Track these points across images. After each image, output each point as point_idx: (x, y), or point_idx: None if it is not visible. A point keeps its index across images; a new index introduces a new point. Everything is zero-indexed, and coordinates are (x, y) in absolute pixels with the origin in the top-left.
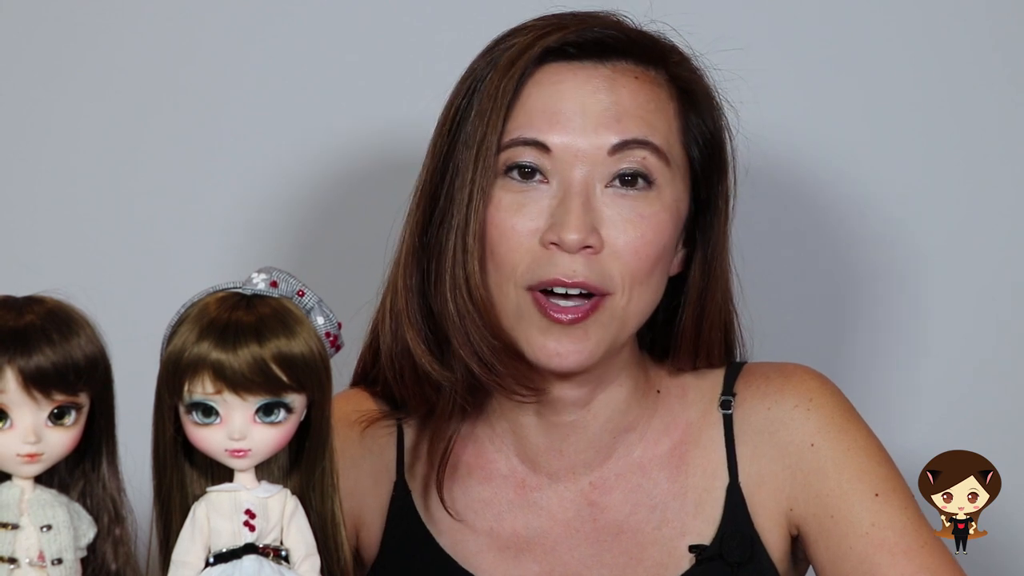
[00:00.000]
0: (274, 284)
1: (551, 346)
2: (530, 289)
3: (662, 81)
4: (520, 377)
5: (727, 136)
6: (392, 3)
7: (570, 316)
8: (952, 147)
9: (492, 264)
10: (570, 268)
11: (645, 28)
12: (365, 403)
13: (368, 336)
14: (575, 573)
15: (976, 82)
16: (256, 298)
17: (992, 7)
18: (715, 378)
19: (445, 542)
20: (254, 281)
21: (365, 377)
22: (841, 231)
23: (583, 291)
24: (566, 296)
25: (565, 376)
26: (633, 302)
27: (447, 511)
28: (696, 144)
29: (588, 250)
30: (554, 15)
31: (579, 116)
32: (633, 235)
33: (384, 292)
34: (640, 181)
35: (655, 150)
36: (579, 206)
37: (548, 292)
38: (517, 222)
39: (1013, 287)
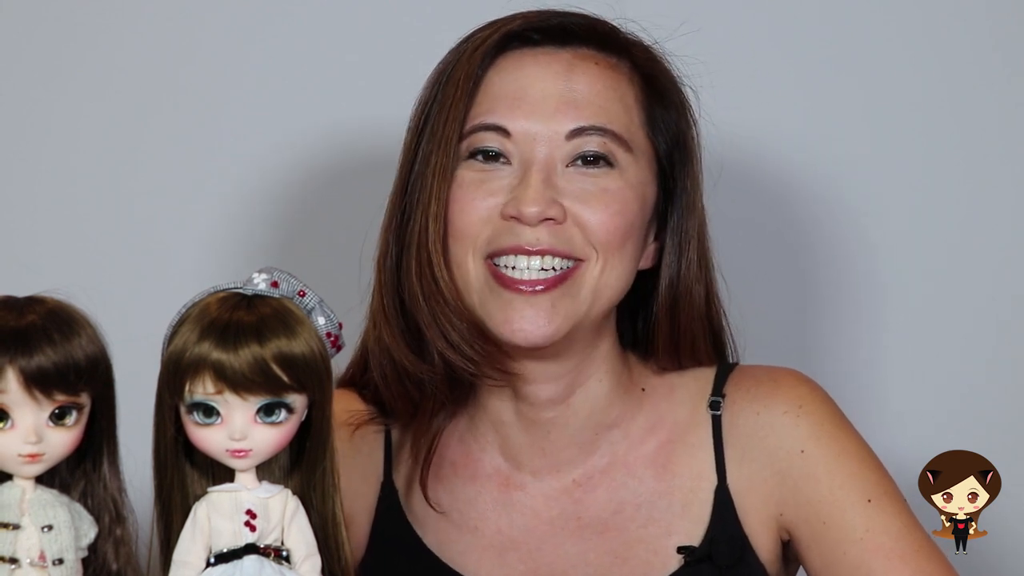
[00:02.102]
0: (275, 284)
1: (514, 320)
2: (489, 258)
3: (624, 69)
4: (490, 359)
5: (693, 124)
6: (392, 3)
7: (533, 288)
8: (952, 147)
9: (452, 238)
10: (533, 237)
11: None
12: (355, 404)
13: (360, 345)
14: (560, 571)
15: (976, 82)
16: (257, 298)
17: (992, 7)
18: (705, 378)
19: (431, 541)
20: (255, 281)
21: (354, 383)
22: (841, 233)
23: (546, 267)
24: (528, 269)
25: (533, 354)
26: (607, 272)
27: (431, 505)
28: (662, 134)
29: (550, 222)
30: (521, 11)
31: (538, 100)
32: (598, 207)
33: (370, 301)
34: (601, 161)
35: (613, 136)
36: (539, 181)
37: (510, 267)
38: (477, 196)
39: (1013, 287)
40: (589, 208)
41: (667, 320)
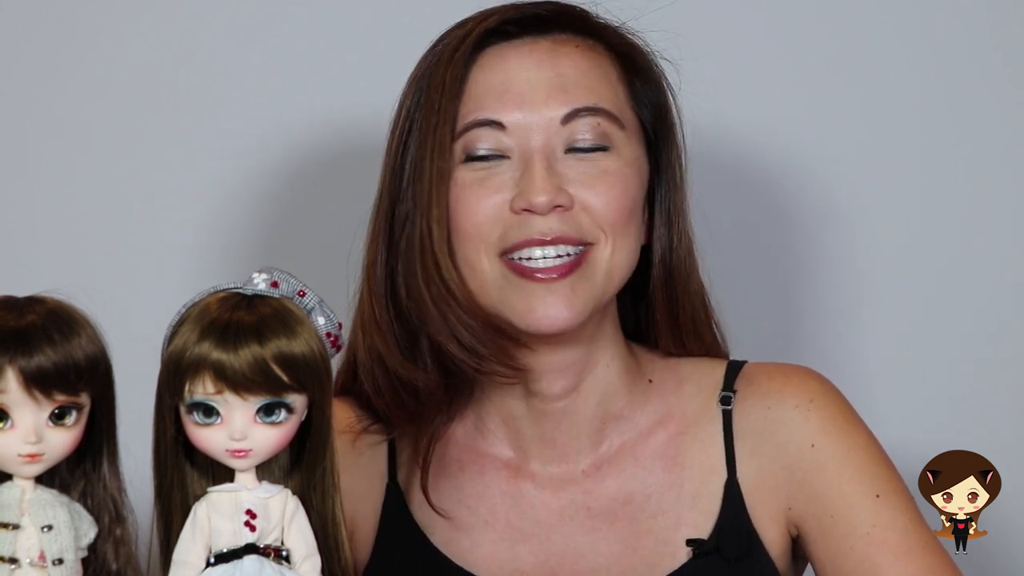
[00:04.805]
0: (275, 284)
1: (538, 309)
2: (504, 254)
3: (601, 50)
4: (504, 357)
5: (672, 98)
6: (392, 3)
7: (554, 275)
8: (951, 147)
9: (459, 241)
10: (545, 226)
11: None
12: (354, 410)
13: (347, 354)
14: (571, 561)
15: (976, 82)
16: (257, 298)
17: (992, 7)
18: (715, 374)
19: (438, 540)
20: (255, 281)
21: (347, 392)
22: (839, 233)
23: (561, 253)
24: (543, 259)
25: (550, 341)
26: (616, 252)
27: (435, 511)
28: (646, 108)
29: (559, 209)
30: (491, 7)
31: (527, 90)
32: (602, 189)
33: (356, 310)
34: (598, 150)
35: (606, 114)
36: (543, 170)
37: (525, 259)
38: (482, 195)
39: (1013, 287)
40: (593, 191)
41: (663, 293)
